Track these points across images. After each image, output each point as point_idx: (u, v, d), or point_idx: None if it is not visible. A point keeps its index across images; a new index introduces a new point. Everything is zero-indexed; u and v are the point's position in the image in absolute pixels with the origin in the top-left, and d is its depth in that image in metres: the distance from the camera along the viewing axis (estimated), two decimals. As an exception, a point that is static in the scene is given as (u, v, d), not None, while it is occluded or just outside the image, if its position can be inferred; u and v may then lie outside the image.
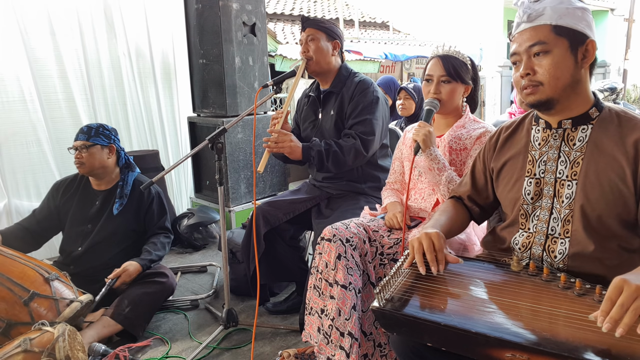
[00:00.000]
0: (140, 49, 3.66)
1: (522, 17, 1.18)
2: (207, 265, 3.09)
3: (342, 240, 1.57)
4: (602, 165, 1.15)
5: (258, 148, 3.41)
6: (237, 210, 3.36)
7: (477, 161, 1.46)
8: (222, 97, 3.29)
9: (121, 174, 2.43)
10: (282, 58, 7.67)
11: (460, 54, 1.74)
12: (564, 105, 1.19)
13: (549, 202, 1.23)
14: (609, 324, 0.88)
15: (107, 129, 2.37)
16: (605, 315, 0.90)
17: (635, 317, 0.87)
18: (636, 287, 0.89)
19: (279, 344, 2.12)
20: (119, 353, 1.97)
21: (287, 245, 2.32)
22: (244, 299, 2.59)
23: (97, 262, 2.32)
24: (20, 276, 1.90)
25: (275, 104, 7.84)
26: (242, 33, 3.28)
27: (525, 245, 1.26)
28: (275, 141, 1.98)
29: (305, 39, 2.15)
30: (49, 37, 3.19)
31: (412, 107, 3.31)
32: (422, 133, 1.61)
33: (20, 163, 3.16)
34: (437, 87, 1.71)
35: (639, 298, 0.88)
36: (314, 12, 11.13)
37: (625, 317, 0.87)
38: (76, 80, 3.36)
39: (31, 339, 1.63)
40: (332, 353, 1.50)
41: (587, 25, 1.15)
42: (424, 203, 1.77)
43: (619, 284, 0.91)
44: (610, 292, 0.92)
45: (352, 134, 2.08)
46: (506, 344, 0.93)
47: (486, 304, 1.07)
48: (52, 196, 2.43)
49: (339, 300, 1.51)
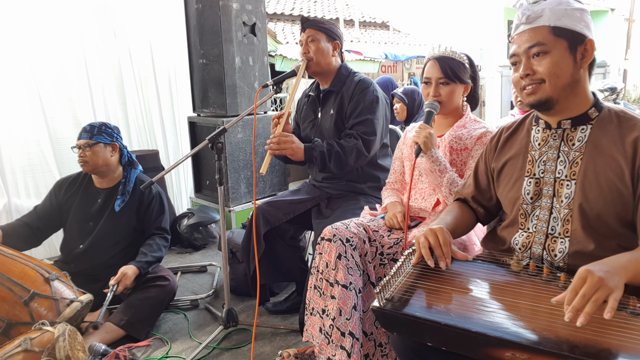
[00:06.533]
0: (140, 49, 3.66)
1: (521, 19, 1.18)
2: (207, 265, 3.09)
3: (342, 240, 1.57)
4: (601, 165, 1.16)
5: (258, 148, 3.41)
6: (237, 210, 3.36)
7: (480, 162, 1.47)
8: (222, 97, 3.30)
9: (124, 172, 2.44)
10: (282, 58, 7.68)
11: (457, 54, 1.73)
12: (563, 105, 1.19)
13: (549, 202, 1.24)
14: (571, 313, 0.92)
15: (110, 127, 2.38)
16: (569, 304, 0.94)
17: (595, 307, 0.91)
18: (599, 278, 0.93)
19: (279, 344, 2.12)
20: (119, 353, 1.97)
21: (287, 245, 2.32)
22: (244, 299, 2.59)
23: (98, 261, 2.32)
24: (21, 276, 1.90)
25: (275, 104, 7.84)
26: (242, 33, 3.29)
27: (525, 245, 1.27)
28: (277, 143, 1.98)
29: (305, 39, 2.16)
30: (49, 37, 3.20)
31: (404, 111, 3.31)
32: (422, 135, 1.61)
33: (20, 163, 3.16)
34: (436, 89, 1.71)
35: (600, 289, 0.92)
36: (314, 12, 11.13)
37: (587, 307, 0.91)
38: (76, 80, 3.36)
39: (31, 338, 1.63)
40: (333, 353, 1.50)
41: (585, 25, 1.15)
42: (424, 203, 1.77)
43: (583, 275, 0.96)
44: (575, 282, 0.96)
45: (354, 134, 2.08)
46: (506, 343, 0.93)
47: (486, 304, 1.07)
48: (54, 193, 2.44)
49: (340, 300, 1.52)
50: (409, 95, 3.31)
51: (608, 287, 0.93)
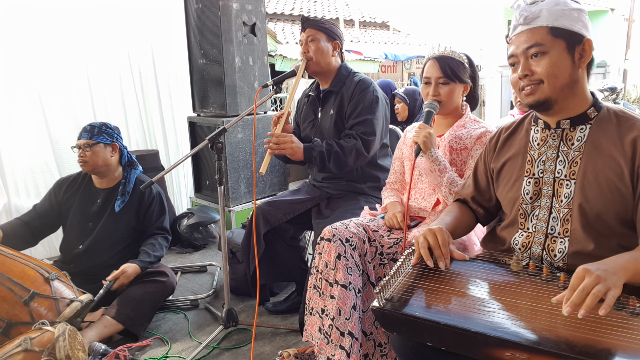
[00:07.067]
0: (140, 49, 3.66)
1: (519, 20, 1.19)
2: (207, 265, 3.10)
3: (341, 240, 1.57)
4: (600, 165, 1.16)
5: (258, 148, 3.42)
6: (237, 210, 3.36)
7: (479, 163, 1.47)
8: (222, 97, 3.30)
9: (124, 172, 2.44)
10: (282, 58, 7.69)
11: (456, 54, 1.74)
12: (562, 105, 1.19)
13: (548, 202, 1.24)
14: (569, 307, 0.94)
15: (110, 128, 2.38)
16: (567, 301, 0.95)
17: (595, 300, 0.92)
18: (596, 276, 0.94)
19: (279, 344, 2.12)
20: (119, 353, 1.98)
21: (287, 245, 2.32)
22: (244, 298, 2.59)
23: (97, 261, 2.32)
24: (21, 276, 1.90)
25: (275, 104, 7.84)
26: (242, 33, 3.29)
27: (525, 246, 1.27)
28: (277, 142, 1.98)
29: (305, 39, 2.16)
30: (49, 37, 3.19)
31: (405, 111, 3.33)
32: (422, 135, 1.61)
33: (20, 163, 3.16)
34: (436, 89, 1.71)
35: (599, 284, 0.93)
36: (314, 12, 11.13)
37: (587, 300, 0.93)
38: (76, 80, 3.36)
39: (31, 338, 1.63)
40: (332, 353, 1.50)
41: (583, 26, 1.16)
42: (424, 203, 1.77)
43: (581, 274, 0.97)
44: (573, 281, 0.97)
45: (353, 135, 2.08)
46: (506, 343, 0.93)
47: (486, 304, 1.07)
48: (54, 192, 2.44)
49: (339, 300, 1.52)
50: (410, 95, 3.31)
51: (606, 284, 0.93)
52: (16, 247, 2.15)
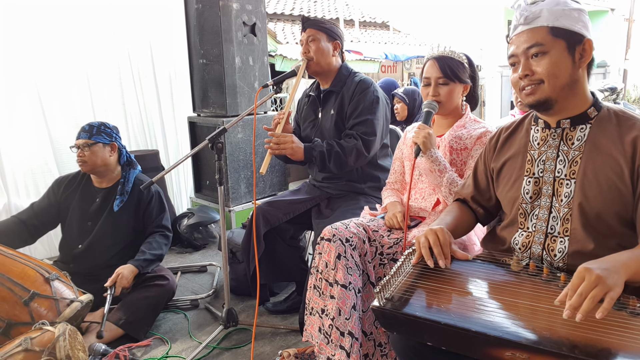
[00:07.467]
0: (140, 49, 3.66)
1: (519, 20, 1.19)
2: (207, 265, 3.09)
3: (341, 240, 1.57)
4: (600, 164, 1.16)
5: (258, 148, 3.42)
6: (237, 210, 3.36)
7: (479, 162, 1.47)
8: (222, 97, 3.30)
9: (122, 172, 2.43)
10: (282, 58, 7.69)
11: (456, 54, 1.74)
12: (562, 105, 1.19)
13: (548, 201, 1.24)
14: (568, 311, 0.94)
15: (109, 127, 2.38)
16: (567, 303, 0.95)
17: (593, 304, 0.92)
18: (597, 276, 0.94)
19: (279, 344, 2.12)
20: (119, 353, 1.98)
21: (287, 245, 2.32)
22: (244, 298, 2.59)
23: (97, 261, 2.32)
24: (21, 276, 1.90)
25: (275, 104, 7.84)
26: (242, 33, 3.29)
27: (525, 245, 1.27)
28: (277, 142, 1.98)
29: (305, 39, 2.16)
30: (49, 37, 3.19)
31: (404, 111, 3.32)
32: (421, 135, 1.61)
33: (20, 163, 3.16)
34: (436, 89, 1.71)
35: (597, 286, 0.93)
36: (314, 12, 11.13)
37: (584, 304, 0.92)
38: (76, 80, 3.36)
39: (32, 338, 1.63)
40: (332, 353, 1.50)
41: (583, 25, 1.16)
42: (424, 203, 1.77)
43: (581, 273, 0.97)
44: (573, 281, 0.97)
45: (354, 135, 2.08)
46: (506, 343, 0.93)
47: (486, 304, 1.07)
48: (52, 191, 2.44)
49: (339, 300, 1.52)
50: (409, 95, 3.31)
51: (606, 284, 0.93)
52: (13, 246, 2.15)
